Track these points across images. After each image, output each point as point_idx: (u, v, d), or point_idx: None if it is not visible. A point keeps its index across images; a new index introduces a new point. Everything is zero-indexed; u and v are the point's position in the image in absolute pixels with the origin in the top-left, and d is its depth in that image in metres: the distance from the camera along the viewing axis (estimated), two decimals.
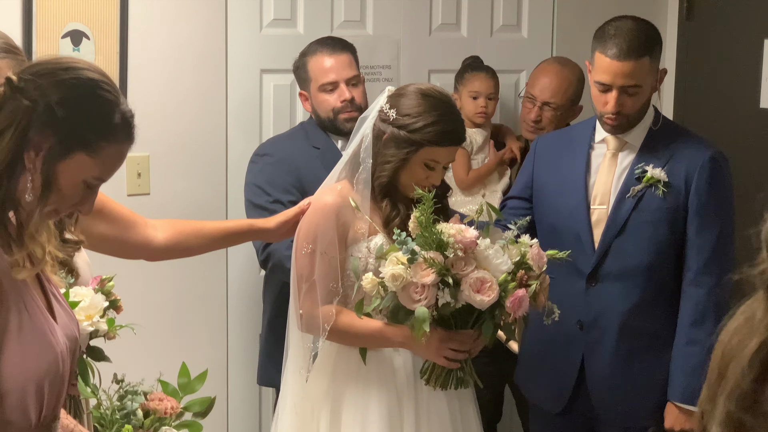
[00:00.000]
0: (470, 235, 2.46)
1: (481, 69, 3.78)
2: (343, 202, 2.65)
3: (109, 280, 2.24)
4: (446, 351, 2.55)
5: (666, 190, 2.87)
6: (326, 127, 3.43)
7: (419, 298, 2.44)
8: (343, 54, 3.41)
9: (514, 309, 2.47)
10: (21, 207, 1.78)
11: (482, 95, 3.73)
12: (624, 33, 2.85)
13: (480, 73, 3.76)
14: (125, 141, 1.83)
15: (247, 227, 2.81)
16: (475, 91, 3.73)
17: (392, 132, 2.63)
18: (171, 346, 3.60)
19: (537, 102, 3.66)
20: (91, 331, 2.13)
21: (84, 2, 3.33)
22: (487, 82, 3.76)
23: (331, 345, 2.69)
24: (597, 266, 2.92)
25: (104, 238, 2.46)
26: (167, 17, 3.52)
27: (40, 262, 1.83)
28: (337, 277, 2.63)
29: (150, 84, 3.49)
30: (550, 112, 3.66)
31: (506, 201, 3.21)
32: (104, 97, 1.79)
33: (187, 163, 3.63)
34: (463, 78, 3.76)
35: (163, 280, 3.57)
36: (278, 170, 3.34)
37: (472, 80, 3.75)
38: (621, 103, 2.88)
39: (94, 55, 3.36)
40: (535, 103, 3.67)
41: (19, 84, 1.75)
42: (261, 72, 3.72)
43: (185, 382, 2.32)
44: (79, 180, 1.79)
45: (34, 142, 1.74)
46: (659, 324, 2.92)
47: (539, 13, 4.18)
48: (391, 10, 3.91)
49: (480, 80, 3.75)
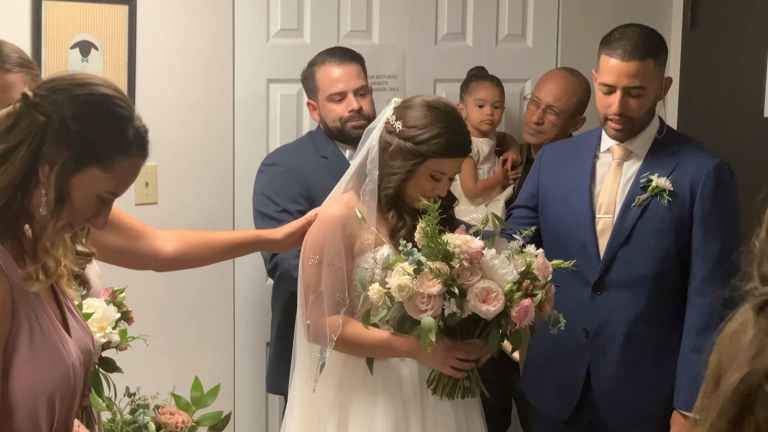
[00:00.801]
0: (476, 245, 2.47)
1: (487, 78, 3.81)
2: (349, 213, 2.67)
3: (120, 292, 2.26)
4: (453, 360, 2.56)
5: (671, 199, 2.89)
6: (334, 136, 3.45)
7: (425, 309, 2.46)
8: (351, 64, 3.43)
9: (519, 318, 2.48)
10: (35, 220, 1.81)
11: (488, 103, 3.76)
12: (629, 36, 2.89)
13: (485, 81, 3.79)
14: (139, 156, 1.85)
15: (255, 238, 2.82)
16: (480, 99, 3.76)
17: (398, 143, 2.65)
18: (178, 356, 3.62)
19: (541, 104, 3.69)
20: (103, 342, 2.15)
21: (93, 13, 3.36)
22: (493, 91, 3.78)
23: (338, 355, 2.71)
24: (602, 275, 2.94)
25: (114, 250, 2.48)
26: (175, 28, 3.55)
27: (53, 275, 1.85)
28: (343, 288, 2.65)
29: (158, 94, 3.52)
30: (552, 115, 3.69)
31: (511, 210, 3.23)
32: (118, 112, 1.82)
33: (195, 173, 3.65)
34: (469, 87, 3.80)
35: (170, 289, 3.59)
36: (286, 180, 3.36)
37: (478, 89, 3.78)
38: (625, 105, 2.90)
39: (103, 65, 3.39)
40: (539, 105, 3.70)
41: (34, 99, 1.77)
42: (268, 82, 3.75)
43: (198, 396, 2.34)
44: (92, 194, 1.81)
45: (49, 156, 1.77)
46: (665, 332, 2.94)
47: (544, 23, 4.20)
48: (397, 20, 3.93)
49: (485, 88, 3.78)
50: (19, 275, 1.78)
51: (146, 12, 3.47)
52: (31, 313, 1.79)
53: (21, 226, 1.83)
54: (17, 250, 1.81)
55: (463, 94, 3.81)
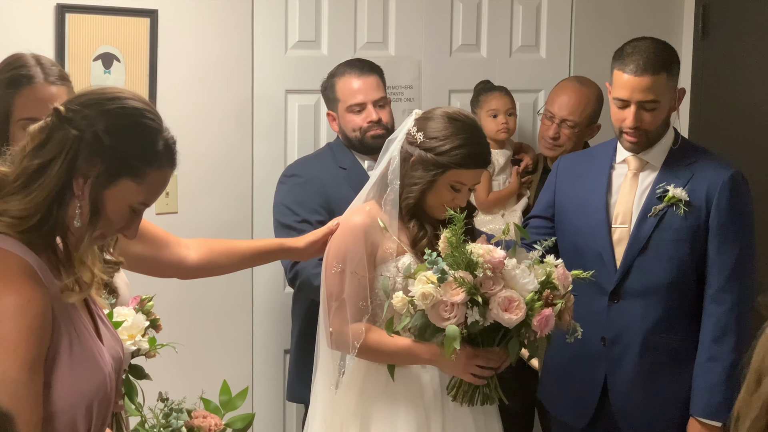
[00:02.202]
0: (498, 255, 2.51)
1: (495, 88, 3.86)
2: (371, 223, 2.71)
3: (148, 300, 2.30)
4: (473, 368, 2.60)
5: (687, 209, 2.93)
6: (354, 146, 3.50)
7: (449, 317, 2.50)
8: (371, 76, 3.48)
9: (540, 327, 2.52)
10: (70, 233, 1.85)
11: (501, 112, 3.80)
12: (642, 50, 2.93)
13: (494, 92, 3.84)
14: (168, 166, 1.90)
15: (277, 246, 2.86)
16: (493, 109, 3.80)
17: (419, 154, 2.69)
18: (198, 363, 3.65)
19: (555, 119, 3.72)
20: (133, 350, 2.19)
21: (115, 26, 3.40)
22: (504, 99, 3.83)
23: (360, 362, 2.75)
24: (619, 284, 2.98)
25: (139, 258, 2.51)
26: (195, 40, 3.60)
27: (88, 286, 1.89)
28: (366, 296, 2.68)
29: (178, 105, 3.56)
30: (568, 129, 3.72)
31: (528, 220, 3.27)
32: (148, 125, 1.86)
33: (214, 183, 3.69)
34: (479, 100, 3.84)
35: (189, 297, 3.63)
36: (306, 191, 3.41)
37: (489, 100, 3.82)
38: (639, 119, 2.94)
39: (125, 76, 3.43)
40: (554, 120, 3.73)
41: (66, 114, 1.81)
42: (286, 92, 3.79)
43: (227, 400, 2.38)
44: (125, 205, 1.85)
45: (82, 169, 1.80)
46: (681, 340, 2.98)
47: (557, 34, 4.24)
48: (412, 32, 3.98)
49: (496, 98, 3.82)
50: (57, 287, 1.81)
51: (167, 24, 3.52)
52: (69, 324, 1.83)
53: (55, 239, 1.87)
54: (53, 263, 1.84)
55: (475, 109, 3.85)
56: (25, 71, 2.37)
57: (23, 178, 1.80)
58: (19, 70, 2.37)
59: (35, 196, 1.79)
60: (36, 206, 1.79)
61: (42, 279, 1.79)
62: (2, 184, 1.82)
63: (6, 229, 1.80)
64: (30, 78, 2.37)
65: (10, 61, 2.45)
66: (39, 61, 2.44)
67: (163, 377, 2.55)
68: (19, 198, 1.80)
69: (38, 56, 2.45)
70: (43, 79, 2.38)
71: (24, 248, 1.80)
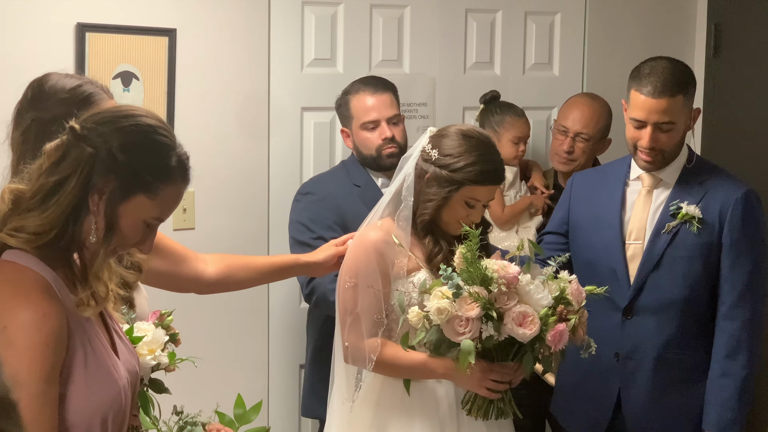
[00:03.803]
0: (513, 270, 2.54)
1: (522, 115, 3.86)
2: (385, 238, 2.73)
3: (168, 315, 2.32)
4: (488, 382, 2.62)
5: (700, 226, 2.95)
6: (368, 164, 3.53)
7: (463, 331, 2.52)
8: (385, 93, 3.52)
9: (554, 342, 2.54)
10: (85, 248, 1.88)
11: (523, 141, 3.83)
12: (659, 72, 2.94)
13: (522, 119, 3.84)
14: (181, 182, 1.92)
15: (294, 261, 2.89)
16: (518, 137, 3.81)
17: (434, 171, 2.72)
18: (213, 377, 3.67)
19: (569, 133, 3.75)
20: (153, 365, 2.21)
21: (134, 45, 3.45)
22: (527, 128, 3.85)
23: (376, 377, 2.77)
24: (633, 300, 3.01)
25: (157, 273, 2.53)
26: (213, 58, 3.64)
27: (104, 300, 1.92)
28: (381, 309, 2.70)
29: (196, 122, 3.60)
30: (582, 143, 3.74)
31: (542, 236, 3.29)
32: (161, 141, 1.89)
33: (231, 199, 3.73)
34: (505, 122, 3.83)
35: (205, 312, 3.65)
36: (321, 208, 3.44)
37: (516, 125, 3.82)
38: (655, 139, 2.96)
39: (143, 94, 3.48)
40: (568, 134, 3.75)
41: (81, 132, 1.84)
42: (302, 110, 3.83)
43: (241, 413, 2.40)
44: (139, 220, 1.88)
45: (98, 186, 1.83)
46: (694, 356, 3.00)
47: (570, 52, 4.28)
48: (427, 50, 4.02)
49: (522, 125, 3.83)
50: (73, 302, 1.84)
51: (185, 43, 3.57)
52: (84, 338, 1.85)
53: (72, 254, 1.90)
54: (69, 278, 1.87)
55: (497, 127, 3.83)
56: (87, 88, 2.33)
57: (40, 195, 1.83)
58: (81, 88, 2.33)
59: (52, 212, 1.82)
60: (52, 222, 1.82)
61: (57, 294, 1.82)
62: (19, 201, 1.85)
63: (23, 245, 1.82)
64: (95, 95, 2.33)
65: (69, 83, 2.36)
66: (89, 80, 2.40)
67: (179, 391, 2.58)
68: (35, 214, 1.83)
69: (73, 74, 2.45)
70: (105, 95, 2.38)
71: (40, 264, 1.82)
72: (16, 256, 1.83)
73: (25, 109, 2.32)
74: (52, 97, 2.29)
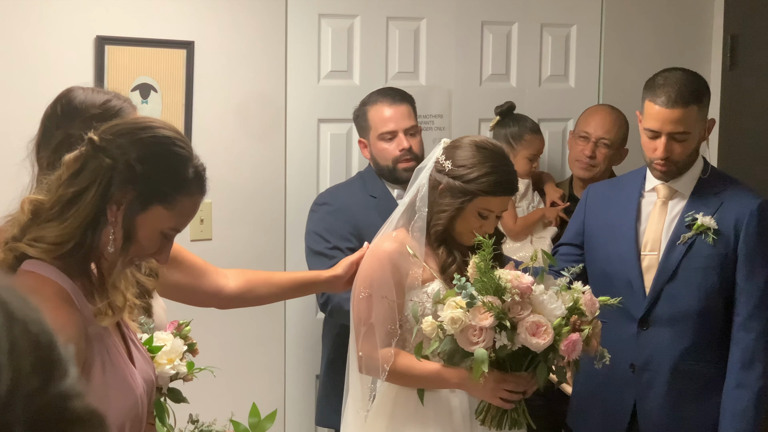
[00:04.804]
0: (526, 280, 2.55)
1: (538, 131, 3.87)
2: (400, 249, 2.75)
3: (186, 325, 2.34)
4: (502, 392, 2.62)
5: (716, 237, 2.96)
6: (384, 174, 3.55)
7: (477, 341, 2.53)
8: (402, 105, 3.54)
9: (568, 352, 2.55)
10: (103, 258, 1.91)
11: (537, 157, 3.85)
12: (673, 82, 2.96)
13: (538, 135, 3.86)
14: (198, 193, 1.95)
15: (315, 278, 2.87)
16: (534, 154, 3.84)
17: (448, 182, 2.74)
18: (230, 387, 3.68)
19: (591, 138, 3.76)
20: (172, 374, 2.23)
21: (152, 57, 3.49)
22: (543, 143, 3.89)
23: (390, 386, 2.78)
24: (648, 311, 3.01)
25: (177, 286, 2.55)
26: (230, 71, 3.67)
27: (121, 310, 1.94)
28: (395, 319, 2.72)
29: (213, 134, 3.63)
30: (604, 148, 3.76)
31: (558, 247, 3.30)
32: (179, 153, 1.92)
33: (248, 210, 3.76)
34: (523, 139, 3.83)
35: (223, 322, 3.66)
36: (337, 218, 3.47)
37: (533, 143, 3.84)
38: (670, 150, 2.97)
39: (161, 106, 3.51)
40: (590, 139, 3.77)
41: (100, 143, 1.87)
42: (318, 121, 3.85)
43: (256, 422, 2.42)
44: (156, 231, 1.91)
45: (116, 197, 1.86)
46: (710, 367, 3.00)
47: (586, 64, 4.29)
48: (443, 62, 4.04)
49: (539, 143, 3.86)
50: (91, 311, 1.87)
51: (203, 56, 3.60)
52: (102, 347, 1.88)
53: (90, 264, 1.92)
54: (87, 288, 1.90)
55: (514, 142, 3.83)
56: (116, 103, 2.34)
57: (59, 205, 1.86)
58: (111, 103, 2.34)
59: (70, 222, 1.84)
60: (71, 233, 1.85)
61: (76, 303, 1.84)
62: (39, 212, 1.87)
63: (42, 255, 1.85)
64: (124, 110, 2.34)
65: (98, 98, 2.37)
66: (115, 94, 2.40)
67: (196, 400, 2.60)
68: (54, 225, 1.85)
69: (97, 88, 2.46)
70: (132, 109, 2.40)
71: (59, 273, 1.85)
72: (36, 266, 1.85)
73: (55, 126, 2.32)
74: (84, 113, 2.30)
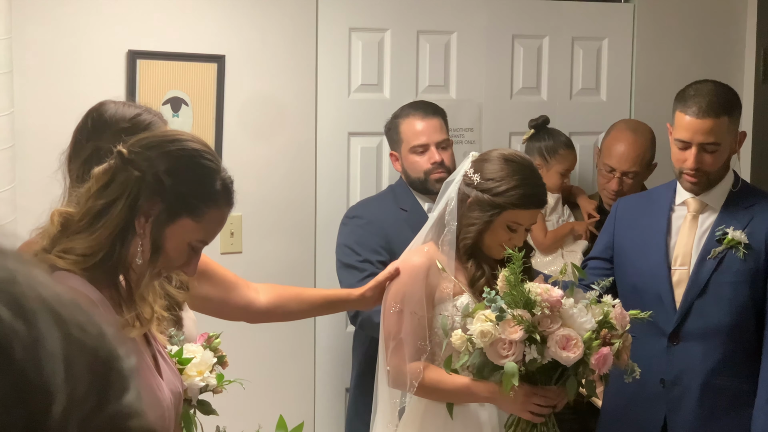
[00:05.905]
0: (556, 294, 2.54)
1: (572, 146, 3.86)
2: (430, 263, 2.75)
3: (216, 337, 2.35)
4: (532, 406, 2.61)
5: (746, 252, 2.94)
6: (416, 187, 3.56)
7: (507, 354, 2.52)
8: (434, 118, 3.55)
9: (598, 366, 2.54)
10: (131, 270, 1.92)
11: (569, 172, 3.84)
12: (704, 93, 2.95)
13: (572, 151, 3.85)
14: (226, 206, 1.96)
15: (346, 296, 2.87)
16: (567, 169, 3.82)
17: (476, 195, 2.73)
18: (260, 400, 3.69)
19: (617, 174, 3.68)
20: (201, 386, 2.24)
21: (184, 71, 3.52)
22: (575, 159, 3.87)
23: (419, 400, 2.78)
24: (679, 326, 2.99)
25: (207, 299, 2.55)
26: (261, 84, 3.70)
27: (149, 322, 1.95)
28: (425, 335, 2.72)
29: (244, 147, 3.66)
30: (630, 179, 3.70)
31: (587, 261, 3.28)
32: (207, 165, 1.93)
33: (278, 223, 3.77)
34: (557, 154, 3.81)
35: (252, 334, 3.67)
36: (367, 232, 3.48)
37: (567, 159, 3.83)
38: (700, 160, 2.96)
39: (192, 120, 3.54)
40: (615, 174, 3.69)
41: (129, 156, 1.89)
42: (348, 135, 3.86)
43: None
44: (184, 243, 1.92)
45: (144, 209, 1.87)
46: (741, 382, 2.97)
47: (617, 77, 4.27)
48: (473, 75, 4.04)
49: (573, 159, 3.85)
50: (119, 322, 1.87)
51: (234, 70, 3.63)
52: None
53: (118, 275, 1.93)
54: (115, 299, 1.91)
55: (549, 156, 3.81)
56: (146, 117, 2.35)
57: (88, 217, 1.87)
58: (141, 117, 2.34)
59: (99, 234, 1.86)
60: (100, 244, 1.86)
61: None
62: (68, 224, 1.89)
63: (71, 267, 1.86)
64: (154, 123, 2.34)
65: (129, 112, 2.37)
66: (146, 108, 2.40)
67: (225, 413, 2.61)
68: (83, 237, 1.86)
69: (128, 102, 2.48)
70: (162, 123, 2.41)
71: (87, 285, 1.86)
72: (65, 277, 1.86)
73: (85, 138, 2.34)
74: (113, 126, 2.31)
